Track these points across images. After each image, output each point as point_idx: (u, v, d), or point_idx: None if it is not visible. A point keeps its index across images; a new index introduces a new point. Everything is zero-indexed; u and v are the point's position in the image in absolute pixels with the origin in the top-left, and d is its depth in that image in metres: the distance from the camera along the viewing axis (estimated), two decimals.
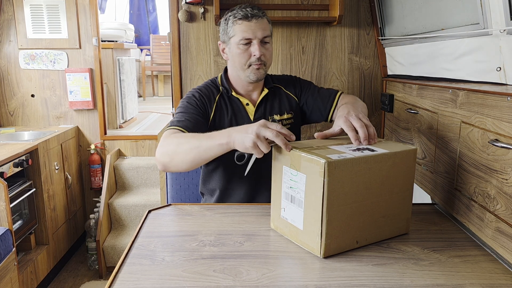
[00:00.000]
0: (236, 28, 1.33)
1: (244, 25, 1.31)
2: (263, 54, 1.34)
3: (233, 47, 1.35)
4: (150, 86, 6.24)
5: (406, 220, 1.09)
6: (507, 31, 1.07)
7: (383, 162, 0.99)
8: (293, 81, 1.54)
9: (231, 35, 1.35)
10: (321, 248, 0.95)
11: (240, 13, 1.32)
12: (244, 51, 1.33)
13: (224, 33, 1.38)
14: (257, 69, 1.35)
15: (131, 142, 3.23)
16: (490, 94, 1.03)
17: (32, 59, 3.07)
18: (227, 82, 1.44)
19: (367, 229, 1.02)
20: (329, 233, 0.94)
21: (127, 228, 2.96)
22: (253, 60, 1.34)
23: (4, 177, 2.14)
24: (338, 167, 0.91)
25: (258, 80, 1.38)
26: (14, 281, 2.09)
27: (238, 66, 1.37)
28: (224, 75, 1.46)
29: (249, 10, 1.32)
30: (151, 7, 6.84)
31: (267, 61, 1.37)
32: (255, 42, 1.32)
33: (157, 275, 0.90)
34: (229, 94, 1.43)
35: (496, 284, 0.88)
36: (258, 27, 1.32)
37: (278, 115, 1.46)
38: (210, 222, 1.17)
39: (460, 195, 1.18)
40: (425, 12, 1.59)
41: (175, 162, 1.19)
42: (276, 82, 1.52)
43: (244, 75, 1.37)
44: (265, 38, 1.34)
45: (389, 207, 1.04)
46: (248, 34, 1.32)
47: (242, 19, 1.32)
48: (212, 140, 1.10)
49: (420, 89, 1.54)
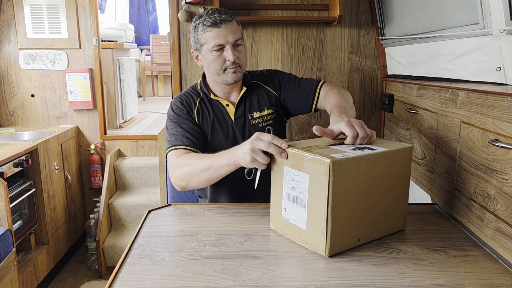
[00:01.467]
0: (207, 35, 1.33)
1: (214, 31, 1.32)
2: (237, 57, 1.34)
3: (206, 54, 1.36)
4: (150, 86, 6.24)
5: (403, 217, 1.12)
6: (507, 31, 1.07)
7: (383, 160, 1.01)
8: (271, 75, 1.54)
9: (202, 43, 1.35)
10: (326, 247, 0.96)
11: (208, 20, 1.32)
12: (218, 57, 1.34)
13: (195, 41, 1.39)
14: (234, 72, 1.36)
15: (131, 142, 3.23)
16: (490, 94, 1.03)
17: (32, 59, 3.07)
18: (205, 87, 1.45)
19: (368, 226, 1.03)
20: (333, 232, 0.95)
21: (127, 228, 2.96)
22: (228, 65, 1.35)
23: (4, 177, 2.14)
24: (342, 166, 0.92)
25: (236, 81, 1.39)
26: (14, 281, 2.09)
27: (213, 72, 1.38)
28: (203, 80, 1.48)
29: (217, 16, 1.32)
30: (151, 7, 6.84)
31: (242, 63, 1.38)
32: (228, 47, 1.33)
33: (157, 275, 0.90)
34: (208, 98, 1.44)
35: (496, 284, 0.88)
36: (228, 32, 1.32)
37: (257, 112, 1.46)
38: (210, 222, 1.17)
39: (460, 195, 1.18)
40: (425, 12, 1.59)
41: (191, 184, 1.26)
42: (255, 78, 1.52)
43: (221, 79, 1.38)
44: (237, 41, 1.35)
45: (388, 204, 1.06)
46: (219, 40, 1.32)
47: (211, 26, 1.32)
48: (220, 161, 1.16)
49: (420, 89, 1.54)
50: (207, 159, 1.20)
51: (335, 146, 1.04)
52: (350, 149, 1.01)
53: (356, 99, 2.13)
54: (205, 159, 1.21)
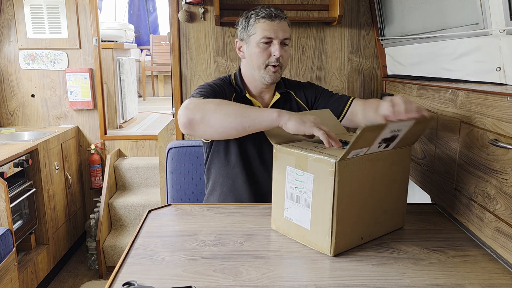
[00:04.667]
0: (257, 26, 1.32)
1: (266, 24, 1.31)
2: (282, 55, 1.33)
3: (252, 45, 1.34)
4: (150, 86, 6.24)
5: (402, 215, 1.15)
6: (506, 31, 1.07)
7: (385, 159, 1.02)
8: (306, 88, 1.52)
9: (251, 33, 1.33)
10: (331, 247, 0.97)
11: (263, 12, 1.31)
12: (264, 50, 1.32)
13: (243, 31, 1.37)
14: (274, 72, 1.34)
15: (131, 142, 3.23)
16: (490, 94, 1.03)
17: (32, 59, 3.07)
18: (241, 82, 1.42)
19: (370, 225, 1.05)
20: (338, 232, 0.96)
21: (127, 228, 2.96)
22: (271, 61, 1.33)
23: (4, 177, 2.14)
24: (348, 165, 0.93)
25: (273, 82, 1.38)
26: (14, 281, 2.09)
27: (255, 66, 1.35)
28: (239, 74, 1.44)
29: (273, 10, 1.32)
30: (151, 7, 6.84)
31: (284, 64, 1.36)
32: (276, 42, 1.32)
33: (157, 275, 0.90)
34: (243, 94, 1.41)
35: (495, 284, 0.88)
36: (280, 28, 1.32)
37: None
38: (210, 222, 1.18)
39: (460, 195, 1.18)
40: (424, 12, 1.59)
41: (207, 120, 1.08)
42: (288, 87, 1.50)
43: (260, 76, 1.36)
44: (285, 40, 1.34)
45: (389, 203, 1.08)
46: (269, 33, 1.31)
47: (265, 17, 1.31)
48: (260, 112, 1.06)
49: (420, 89, 1.54)
50: (241, 105, 1.10)
51: None
52: None
53: None
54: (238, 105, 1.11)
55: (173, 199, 1.65)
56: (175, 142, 1.69)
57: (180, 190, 1.66)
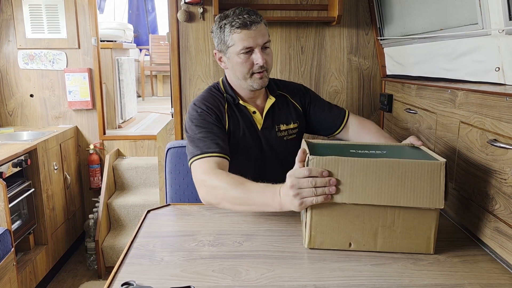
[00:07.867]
0: (235, 37, 1.26)
1: (243, 33, 1.25)
2: (266, 60, 1.29)
3: (232, 56, 1.29)
4: (149, 86, 6.23)
5: (426, 239, 0.98)
6: (505, 31, 1.07)
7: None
8: (300, 91, 1.51)
9: (229, 45, 1.28)
10: (305, 239, 1.01)
11: (237, 21, 1.24)
12: (246, 60, 1.28)
13: (220, 42, 1.31)
14: (260, 78, 1.31)
15: (130, 142, 3.23)
16: (489, 94, 1.03)
17: (31, 59, 3.07)
18: (231, 90, 1.39)
19: (365, 234, 0.99)
20: (314, 226, 0.99)
21: (126, 228, 2.96)
22: (256, 69, 1.29)
23: (3, 177, 2.13)
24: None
25: (261, 88, 1.35)
26: (13, 281, 2.09)
27: (239, 76, 1.32)
28: (226, 82, 1.41)
29: (247, 17, 1.24)
30: (150, 7, 6.84)
31: (269, 67, 1.33)
32: (257, 50, 1.27)
33: (156, 275, 0.90)
34: (236, 102, 1.38)
35: (494, 284, 0.88)
36: (258, 34, 1.26)
37: (284, 125, 1.43)
38: (209, 222, 1.17)
39: (459, 195, 1.18)
40: (424, 12, 1.59)
41: (222, 205, 1.17)
42: (281, 89, 1.48)
43: (247, 84, 1.33)
44: (266, 44, 1.29)
45: (401, 220, 0.97)
46: (248, 42, 1.25)
47: (240, 27, 1.24)
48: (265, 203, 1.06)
49: (419, 89, 1.54)
50: (244, 188, 1.09)
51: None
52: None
53: (355, 99, 2.13)
54: (243, 188, 1.09)
55: (172, 199, 1.65)
56: (174, 142, 1.69)
57: (179, 190, 1.65)
